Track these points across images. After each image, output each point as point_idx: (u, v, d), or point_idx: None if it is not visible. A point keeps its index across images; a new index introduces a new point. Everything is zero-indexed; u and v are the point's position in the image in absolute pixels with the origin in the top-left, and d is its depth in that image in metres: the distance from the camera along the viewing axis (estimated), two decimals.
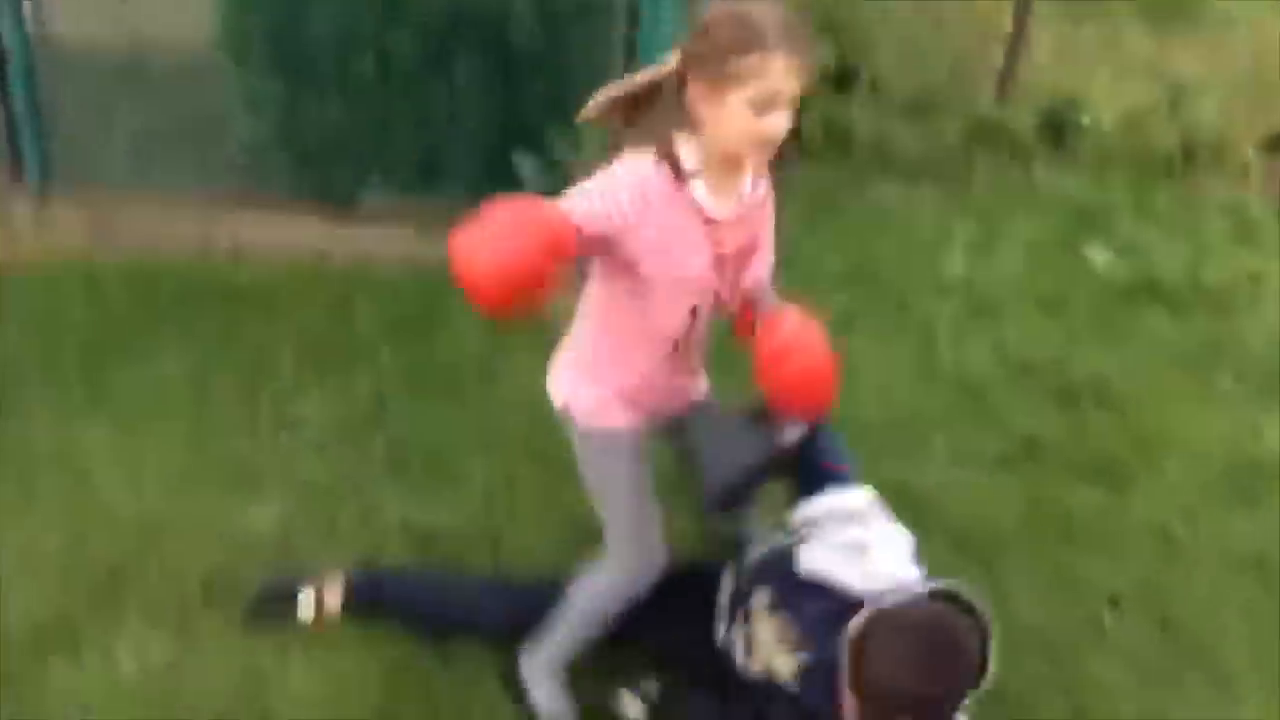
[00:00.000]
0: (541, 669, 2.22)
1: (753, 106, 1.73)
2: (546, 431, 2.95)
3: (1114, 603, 2.62)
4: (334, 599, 2.36)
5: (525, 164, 3.59)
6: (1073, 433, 3.21)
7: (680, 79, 1.79)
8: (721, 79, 1.73)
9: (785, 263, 3.84)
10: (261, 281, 3.49)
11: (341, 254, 3.65)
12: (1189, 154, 4.91)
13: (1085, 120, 4.96)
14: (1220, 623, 2.59)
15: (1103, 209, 4.52)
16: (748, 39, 1.71)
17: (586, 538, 2.62)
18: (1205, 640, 2.54)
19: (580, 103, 1.87)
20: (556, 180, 3.53)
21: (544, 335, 2.60)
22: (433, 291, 3.48)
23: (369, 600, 2.38)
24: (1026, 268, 4.07)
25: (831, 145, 4.71)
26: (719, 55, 1.72)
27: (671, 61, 1.81)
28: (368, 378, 3.13)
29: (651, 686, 2.23)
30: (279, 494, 2.72)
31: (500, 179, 3.40)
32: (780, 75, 1.72)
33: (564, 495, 2.59)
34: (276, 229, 3.71)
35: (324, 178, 3.85)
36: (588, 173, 1.82)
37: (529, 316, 1.64)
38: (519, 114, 3.70)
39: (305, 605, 2.35)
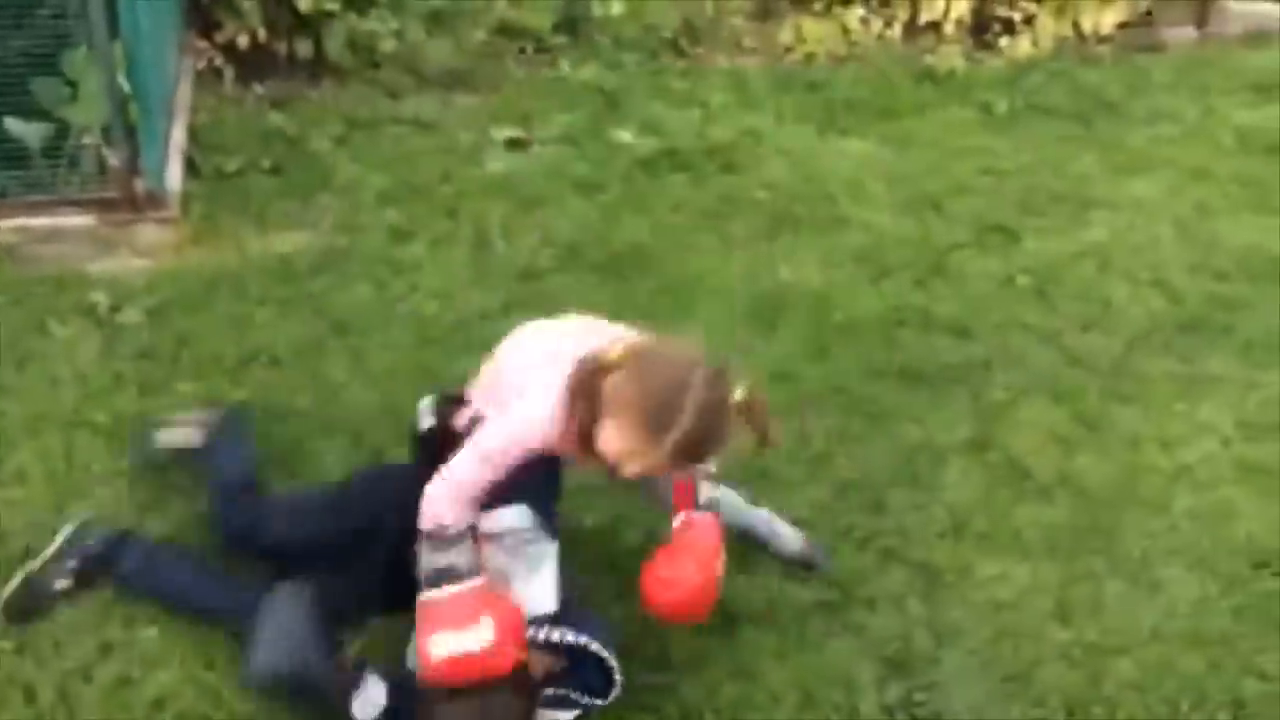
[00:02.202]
0: None
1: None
2: (97, 399, 2.88)
3: None
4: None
5: (23, 128, 3.34)
6: (620, 299, 3.51)
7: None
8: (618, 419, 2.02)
9: (332, 190, 3.94)
10: None
11: None
12: (690, 31, 5.38)
13: (597, 11, 5.29)
14: None
15: (624, 91, 4.87)
16: (660, 430, 1.98)
17: (161, 487, 2.61)
18: (744, 445, 2.93)
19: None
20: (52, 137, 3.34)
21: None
22: None
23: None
24: (562, 157, 4.34)
25: (360, 63, 4.72)
26: (632, 409, 1.99)
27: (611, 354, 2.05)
28: None
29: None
30: None
31: None
32: (657, 464, 2.04)
33: None
34: None
35: None
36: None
37: None
38: None
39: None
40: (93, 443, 2.73)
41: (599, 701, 2.14)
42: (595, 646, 2.10)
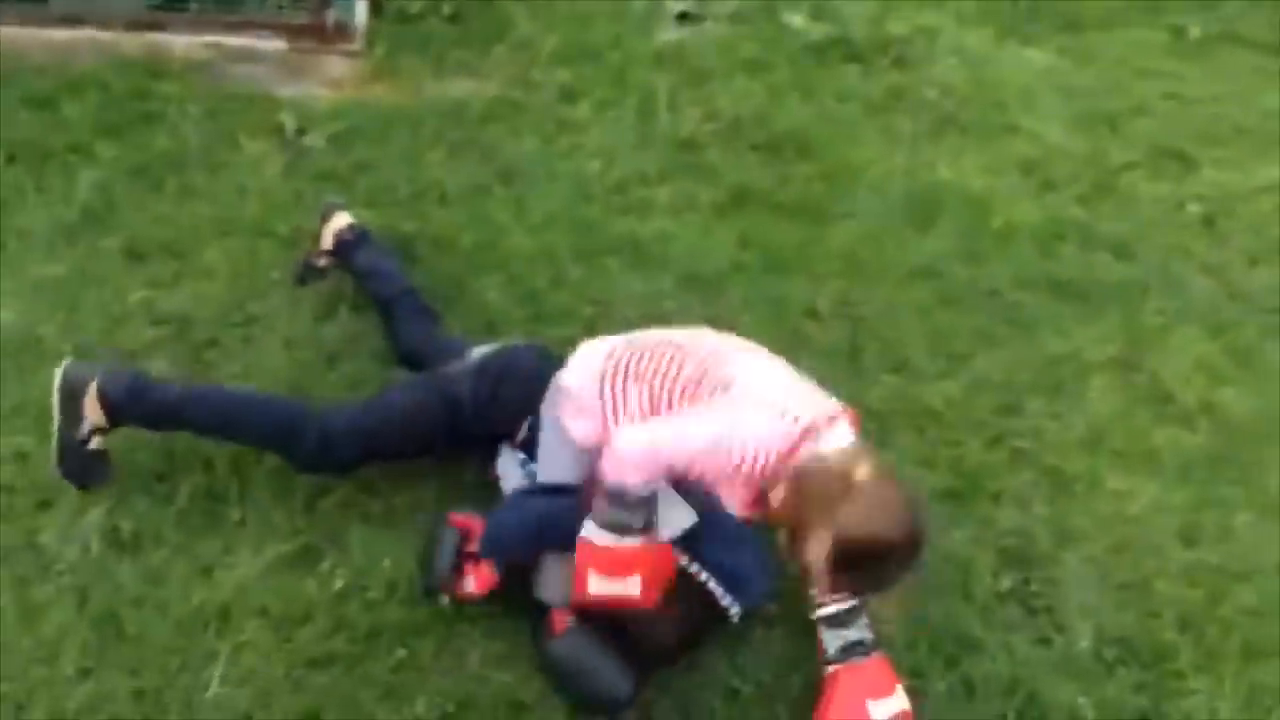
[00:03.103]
0: None
1: None
2: (280, 212, 3.05)
3: (813, 314, 3.00)
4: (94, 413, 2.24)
5: None
6: (777, 180, 3.54)
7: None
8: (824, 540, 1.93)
9: (507, 44, 4.01)
10: None
11: (39, 55, 3.46)
12: None
13: None
14: (900, 321, 3.03)
15: None
16: (851, 570, 1.94)
17: (332, 302, 2.78)
18: (888, 336, 2.98)
19: None
20: None
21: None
22: (140, 87, 3.40)
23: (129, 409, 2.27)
24: (732, 35, 4.32)
25: None
26: (844, 544, 1.92)
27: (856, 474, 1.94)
28: (90, 176, 3.06)
29: None
30: (13, 295, 2.69)
31: None
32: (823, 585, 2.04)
33: None
34: None
35: None
36: None
37: None
38: None
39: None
40: (274, 250, 2.91)
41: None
42: (713, 584, 2.08)
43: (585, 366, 2.20)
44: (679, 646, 2.11)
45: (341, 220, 2.82)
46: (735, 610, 2.09)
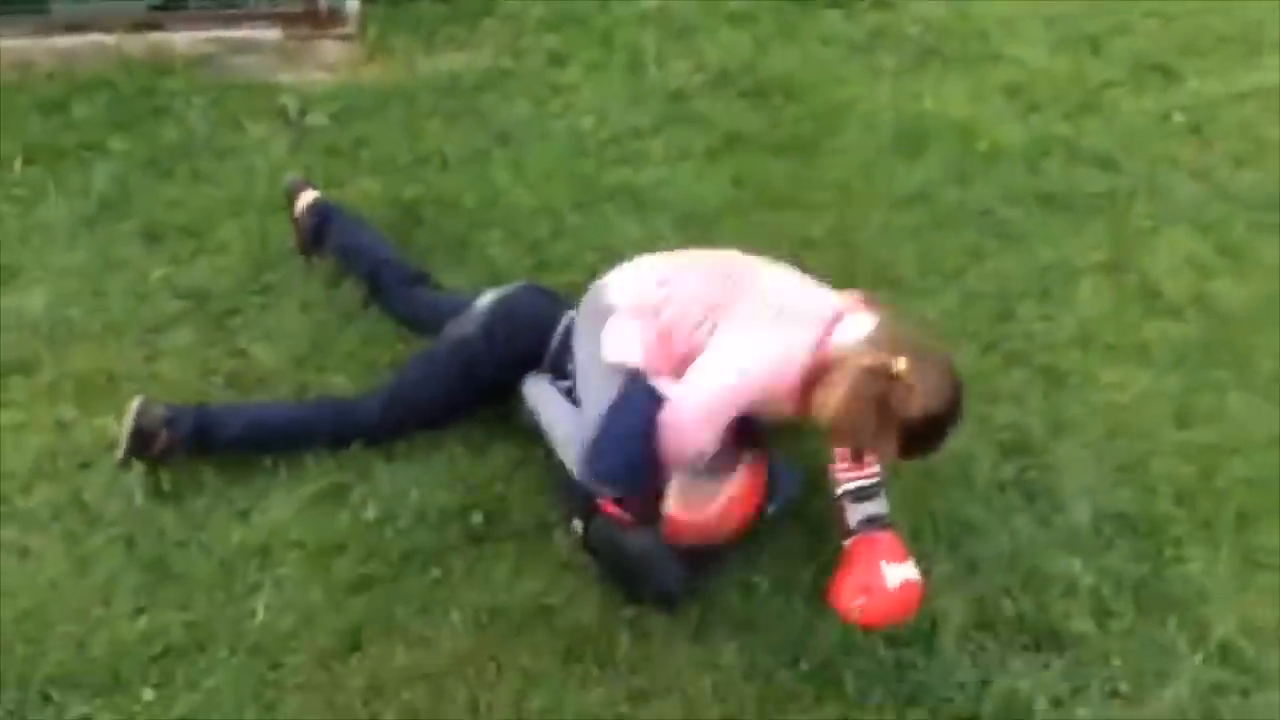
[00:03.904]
0: None
1: None
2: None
3: (808, 244, 3.10)
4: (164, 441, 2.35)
5: None
6: (767, 123, 3.63)
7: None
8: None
9: (496, 16, 4.12)
10: None
11: (46, 61, 3.60)
12: None
13: None
14: (893, 245, 3.12)
15: None
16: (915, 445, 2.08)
17: (342, 268, 2.90)
18: (882, 258, 3.07)
19: None
20: None
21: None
22: (146, 84, 3.54)
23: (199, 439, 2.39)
24: None
25: None
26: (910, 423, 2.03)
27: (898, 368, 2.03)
28: (104, 169, 3.20)
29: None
30: (41, 282, 2.83)
31: None
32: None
33: None
34: None
35: None
36: None
37: None
38: None
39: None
40: (285, 225, 3.02)
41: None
42: None
43: (634, 288, 2.31)
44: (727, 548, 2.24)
45: (305, 200, 2.90)
46: (770, 510, 2.21)
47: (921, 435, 2.06)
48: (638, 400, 2.16)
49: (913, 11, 4.29)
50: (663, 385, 2.18)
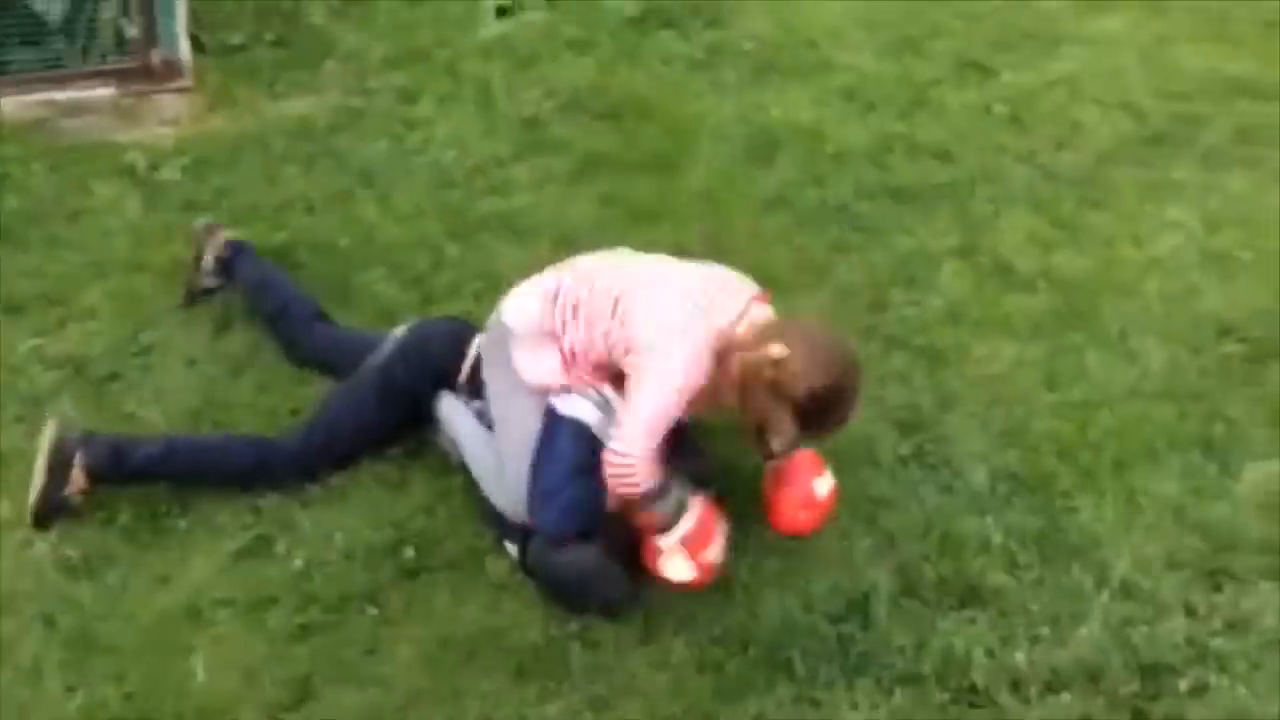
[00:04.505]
0: None
1: None
2: (151, 245, 3.08)
3: (684, 253, 3.17)
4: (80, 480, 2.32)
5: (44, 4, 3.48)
6: (623, 141, 3.73)
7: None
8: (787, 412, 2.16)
9: (336, 58, 4.09)
10: None
11: None
12: None
13: None
14: (764, 248, 3.26)
15: None
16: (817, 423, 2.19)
17: (225, 317, 2.84)
18: (755, 261, 3.15)
19: None
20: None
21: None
22: None
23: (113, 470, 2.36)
24: (552, 21, 4.49)
25: None
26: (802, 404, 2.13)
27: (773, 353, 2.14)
28: None
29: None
30: None
31: None
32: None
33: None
34: None
35: None
36: None
37: None
38: None
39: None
40: (154, 282, 2.95)
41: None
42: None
43: (525, 307, 2.35)
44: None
45: (219, 238, 2.88)
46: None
47: (815, 412, 2.17)
48: (563, 441, 2.23)
49: (742, 28, 4.47)
50: (585, 411, 2.23)
